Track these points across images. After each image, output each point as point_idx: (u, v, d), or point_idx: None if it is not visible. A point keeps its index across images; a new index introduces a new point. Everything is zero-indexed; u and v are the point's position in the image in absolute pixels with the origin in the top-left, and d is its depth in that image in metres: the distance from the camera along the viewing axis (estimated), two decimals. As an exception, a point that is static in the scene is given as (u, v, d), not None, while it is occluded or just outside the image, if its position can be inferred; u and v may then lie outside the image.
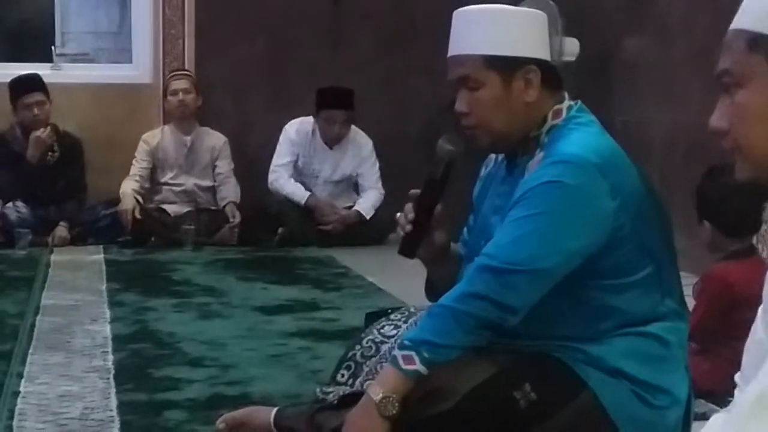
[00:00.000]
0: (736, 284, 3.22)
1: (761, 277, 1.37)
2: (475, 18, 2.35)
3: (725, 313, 3.19)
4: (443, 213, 2.44)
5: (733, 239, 3.32)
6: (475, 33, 2.33)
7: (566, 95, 2.37)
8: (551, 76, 2.35)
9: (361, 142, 6.61)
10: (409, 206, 2.42)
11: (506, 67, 2.31)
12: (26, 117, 6.38)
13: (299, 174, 6.57)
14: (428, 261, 2.51)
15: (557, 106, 2.35)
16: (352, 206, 6.54)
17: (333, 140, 6.55)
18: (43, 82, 6.47)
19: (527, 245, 2.21)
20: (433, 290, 2.55)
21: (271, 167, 6.53)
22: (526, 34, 2.34)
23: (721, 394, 2.99)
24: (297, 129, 6.56)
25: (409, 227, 2.41)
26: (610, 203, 2.22)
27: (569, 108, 2.35)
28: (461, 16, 2.38)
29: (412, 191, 2.44)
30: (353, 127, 6.59)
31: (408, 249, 2.43)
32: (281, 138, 6.58)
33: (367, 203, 6.50)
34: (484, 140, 2.36)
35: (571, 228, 2.21)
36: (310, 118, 6.53)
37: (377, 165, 6.57)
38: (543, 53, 2.35)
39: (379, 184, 6.53)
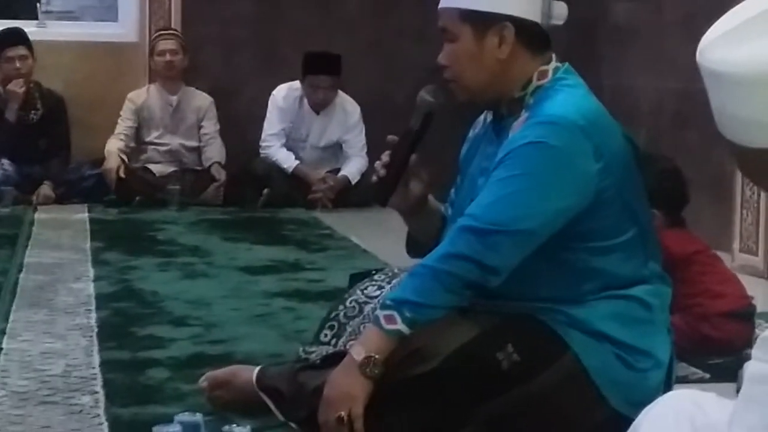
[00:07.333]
0: (672, 248, 3.28)
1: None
2: None
3: None
4: (419, 163, 2.43)
5: (676, 218, 3.38)
6: None
7: (554, 57, 2.36)
8: (532, 35, 2.33)
9: (348, 109, 6.57)
10: (386, 153, 2.42)
11: (480, 21, 2.31)
12: (8, 71, 6.31)
13: (287, 138, 6.54)
14: (405, 212, 2.51)
15: (543, 67, 2.33)
16: (338, 170, 6.52)
17: (319, 105, 6.51)
18: (27, 37, 6.42)
19: (510, 206, 2.20)
20: (413, 246, 2.55)
21: (263, 136, 6.49)
22: None
23: None
24: (285, 95, 6.52)
25: (383, 172, 2.41)
26: (593, 165, 2.21)
27: (556, 69, 2.34)
28: None
29: (390, 137, 2.43)
30: (341, 93, 6.55)
31: (380, 195, 2.43)
32: (269, 105, 6.53)
33: (353, 168, 6.47)
34: (460, 94, 2.38)
35: (553, 189, 2.20)
36: (298, 83, 6.49)
37: (363, 133, 6.53)
38: (525, 12, 2.32)
39: (364, 152, 6.48)
